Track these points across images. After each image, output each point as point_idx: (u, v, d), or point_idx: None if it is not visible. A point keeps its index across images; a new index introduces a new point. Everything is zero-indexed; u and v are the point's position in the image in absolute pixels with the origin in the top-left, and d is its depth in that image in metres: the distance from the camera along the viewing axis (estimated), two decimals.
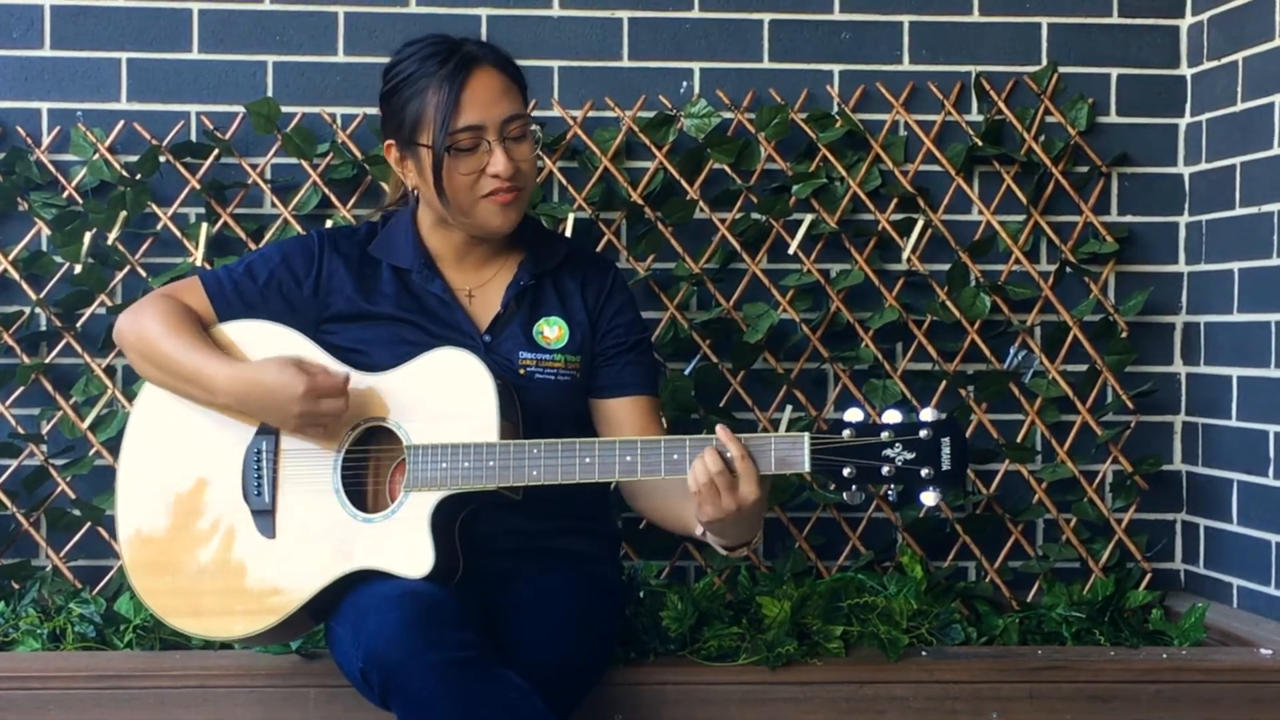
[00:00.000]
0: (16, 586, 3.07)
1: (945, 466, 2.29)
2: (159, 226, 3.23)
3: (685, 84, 3.34)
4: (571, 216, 3.22)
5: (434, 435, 2.39)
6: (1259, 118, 3.13)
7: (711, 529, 2.36)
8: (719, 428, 2.32)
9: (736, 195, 3.31)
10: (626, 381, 2.60)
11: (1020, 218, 3.34)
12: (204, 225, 3.20)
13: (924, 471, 2.28)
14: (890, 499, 2.32)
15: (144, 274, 3.19)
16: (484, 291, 2.58)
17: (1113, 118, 3.39)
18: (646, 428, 2.58)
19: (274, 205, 3.27)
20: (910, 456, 2.29)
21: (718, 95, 3.31)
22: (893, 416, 2.30)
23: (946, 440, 2.29)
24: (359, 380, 2.46)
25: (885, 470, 2.29)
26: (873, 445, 2.29)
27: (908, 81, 3.35)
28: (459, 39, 2.50)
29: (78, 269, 3.16)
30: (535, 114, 3.25)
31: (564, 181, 3.27)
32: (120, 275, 3.21)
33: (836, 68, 3.36)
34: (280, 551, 2.44)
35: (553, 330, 2.57)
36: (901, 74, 3.36)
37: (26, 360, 3.18)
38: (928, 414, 2.30)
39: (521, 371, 2.53)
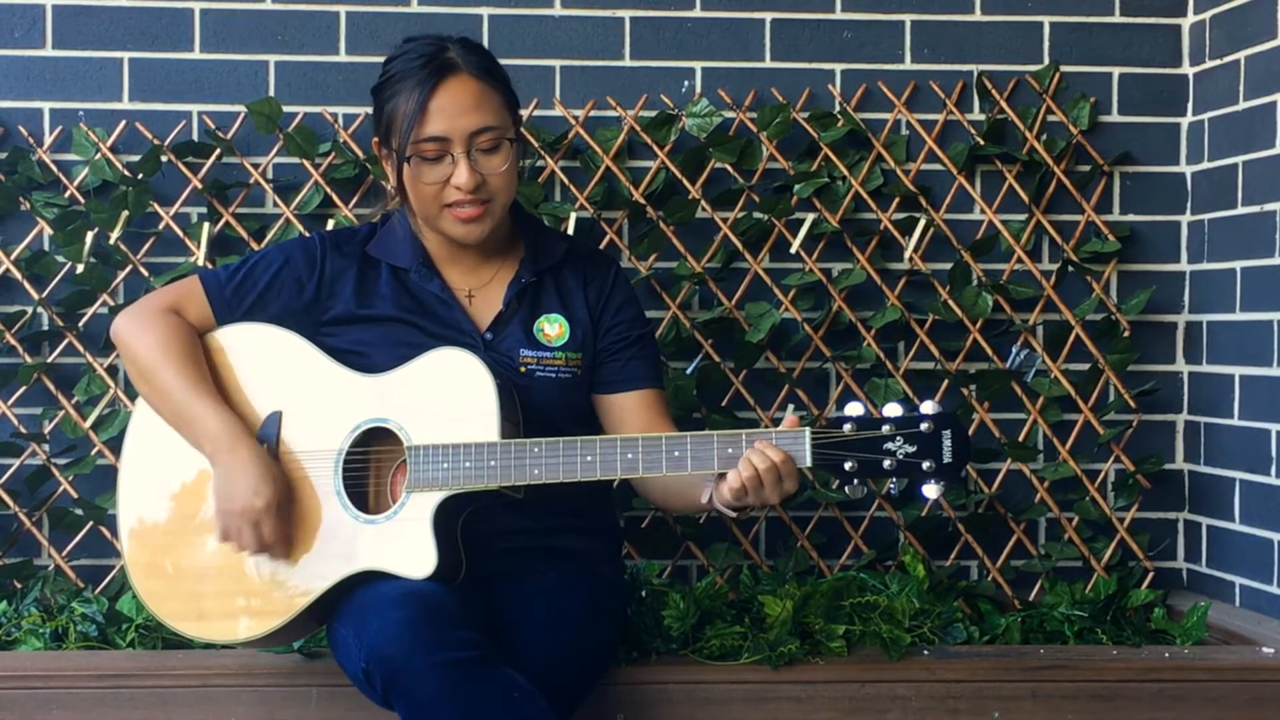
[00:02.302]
0: (19, 586, 3.07)
1: (947, 459, 2.29)
2: (161, 226, 3.23)
3: (687, 83, 3.34)
4: (573, 216, 3.22)
5: (435, 436, 2.39)
6: (1261, 117, 3.13)
7: (730, 505, 2.37)
8: (791, 418, 2.34)
9: (738, 195, 3.31)
10: (632, 375, 2.60)
11: (1022, 217, 3.34)
12: (206, 225, 3.20)
13: (926, 464, 2.28)
14: (892, 493, 2.33)
15: (146, 274, 3.19)
16: (485, 291, 2.58)
17: (1115, 117, 3.39)
18: (654, 421, 2.58)
19: (276, 205, 3.27)
20: (912, 449, 2.29)
21: (719, 95, 3.31)
22: (893, 410, 2.30)
23: (947, 432, 2.29)
24: (360, 380, 2.46)
25: (887, 464, 2.29)
26: (874, 439, 2.29)
27: (909, 81, 3.35)
28: (447, 42, 2.47)
29: (79, 269, 3.16)
30: (537, 114, 3.26)
31: (566, 181, 3.27)
32: (122, 275, 3.21)
33: (838, 67, 3.35)
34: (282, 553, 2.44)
35: (553, 328, 2.57)
36: (903, 73, 3.36)
37: (29, 360, 3.18)
38: (928, 407, 2.30)
39: (523, 369, 2.53)
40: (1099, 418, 3.31)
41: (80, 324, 3.21)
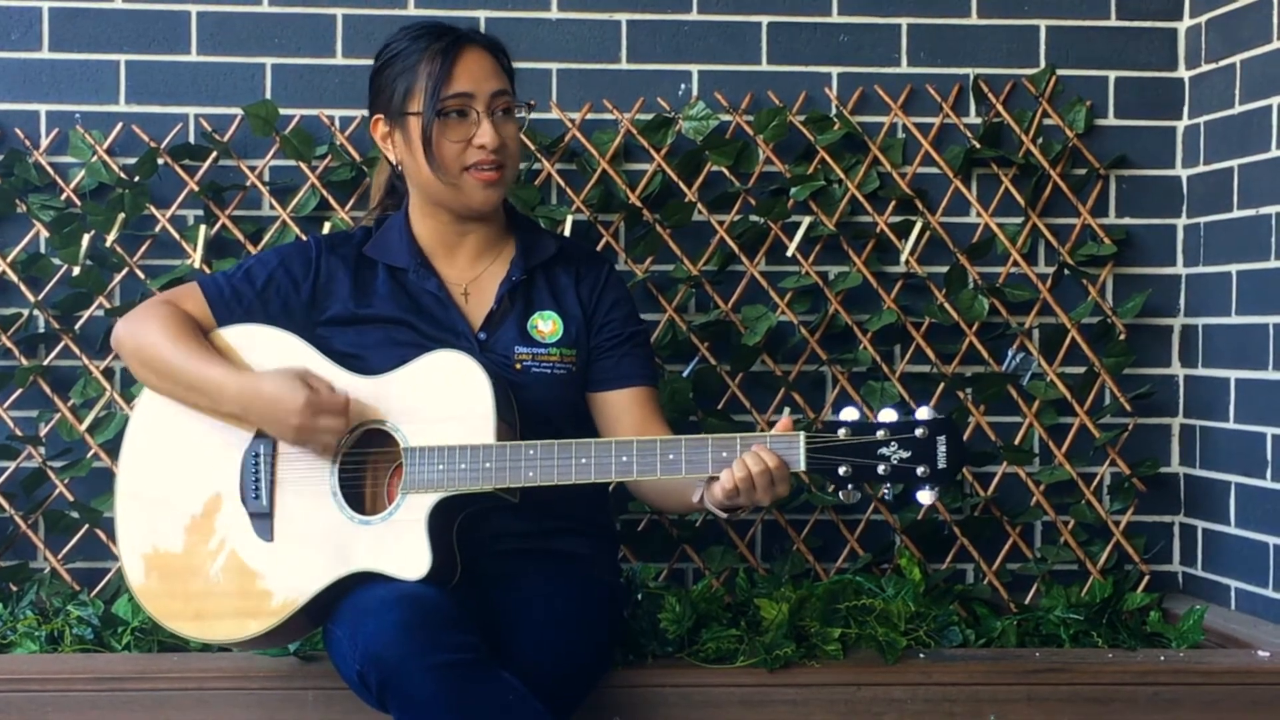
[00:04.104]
0: (14, 589, 3.07)
1: (941, 465, 2.29)
2: (157, 228, 3.23)
3: (684, 86, 3.34)
4: (570, 218, 3.22)
5: (431, 437, 2.40)
6: (1257, 120, 3.13)
7: (721, 505, 2.37)
8: (785, 421, 2.34)
9: (735, 197, 3.31)
10: (625, 373, 2.61)
11: (1018, 220, 3.34)
12: (202, 227, 3.20)
13: (920, 470, 2.29)
14: (887, 498, 2.33)
15: (142, 276, 3.19)
16: (478, 287, 2.59)
17: (1111, 120, 3.40)
18: (647, 419, 2.58)
19: (272, 207, 3.27)
20: (906, 455, 2.29)
21: (716, 97, 3.32)
22: (888, 415, 2.30)
23: (942, 438, 2.29)
24: (357, 383, 2.47)
25: (881, 469, 2.29)
26: (868, 444, 2.30)
27: (906, 84, 3.35)
28: (452, 25, 2.56)
29: (76, 271, 3.17)
30: (533, 116, 3.24)
31: (562, 184, 3.27)
32: (119, 277, 3.21)
33: (835, 70, 3.36)
34: (278, 554, 2.44)
35: (547, 324, 2.58)
36: (900, 76, 3.36)
37: (25, 362, 3.18)
38: (923, 412, 2.30)
39: (518, 366, 2.53)
40: (1095, 421, 3.31)
41: (77, 326, 3.21)
